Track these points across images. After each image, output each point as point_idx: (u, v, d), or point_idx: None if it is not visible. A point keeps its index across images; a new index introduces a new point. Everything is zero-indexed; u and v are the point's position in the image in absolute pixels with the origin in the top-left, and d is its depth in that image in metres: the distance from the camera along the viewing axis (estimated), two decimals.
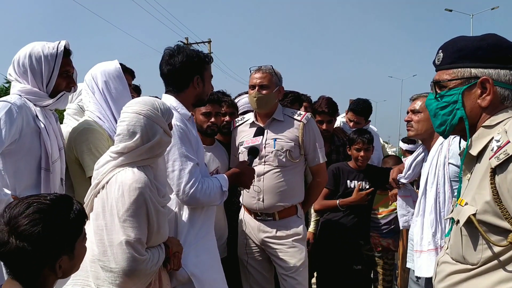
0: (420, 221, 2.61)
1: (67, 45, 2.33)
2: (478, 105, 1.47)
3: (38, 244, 1.25)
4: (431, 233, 2.52)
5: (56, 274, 1.33)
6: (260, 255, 3.03)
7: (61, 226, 1.31)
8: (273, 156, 2.90)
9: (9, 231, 1.25)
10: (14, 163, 2.16)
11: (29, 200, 1.31)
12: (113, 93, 2.51)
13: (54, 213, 1.30)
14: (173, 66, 2.38)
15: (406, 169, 2.98)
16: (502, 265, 1.35)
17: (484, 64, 1.45)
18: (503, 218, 1.31)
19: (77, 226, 1.39)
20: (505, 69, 1.43)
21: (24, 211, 1.27)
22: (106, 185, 1.90)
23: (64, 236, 1.32)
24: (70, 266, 1.37)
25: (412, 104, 2.84)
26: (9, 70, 2.32)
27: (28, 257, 1.25)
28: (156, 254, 1.96)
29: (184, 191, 2.21)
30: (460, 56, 1.49)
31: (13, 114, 2.10)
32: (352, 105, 4.17)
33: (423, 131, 2.76)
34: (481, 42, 1.47)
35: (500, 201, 1.31)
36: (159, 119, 1.95)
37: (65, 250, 1.33)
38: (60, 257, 1.31)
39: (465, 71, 1.48)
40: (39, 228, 1.25)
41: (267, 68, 2.95)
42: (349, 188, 3.45)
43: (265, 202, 2.91)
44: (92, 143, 2.34)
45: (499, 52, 1.44)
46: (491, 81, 1.43)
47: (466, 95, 1.48)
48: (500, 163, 1.31)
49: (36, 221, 1.26)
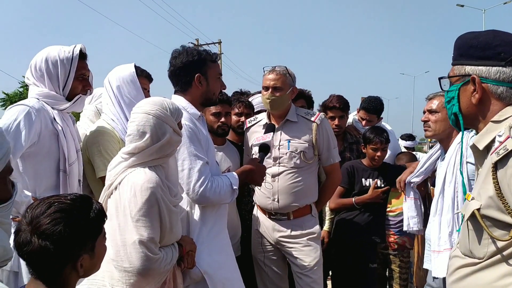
0: (437, 220, 2.58)
1: (83, 49, 2.38)
2: (472, 102, 1.51)
3: (59, 243, 1.27)
4: (448, 232, 2.50)
5: (78, 273, 1.36)
6: (275, 254, 3.04)
7: (81, 225, 1.33)
8: (288, 157, 2.91)
9: (31, 231, 1.28)
10: (33, 166, 2.21)
11: (50, 200, 1.34)
12: (126, 97, 2.55)
13: (74, 212, 1.33)
14: (174, 67, 2.42)
15: (419, 167, 2.95)
16: (505, 259, 1.37)
17: (476, 62, 1.49)
18: (506, 213, 1.33)
19: (97, 225, 1.41)
20: (498, 66, 1.46)
21: (45, 211, 1.30)
22: (119, 186, 1.94)
23: (85, 235, 1.35)
24: (91, 265, 1.40)
25: (429, 104, 2.79)
26: (27, 74, 2.37)
27: (50, 256, 1.28)
28: (170, 253, 1.99)
29: (194, 190, 2.23)
30: (459, 53, 1.55)
31: (31, 117, 2.15)
32: (364, 103, 4.13)
33: (440, 132, 2.72)
34: (474, 40, 1.51)
35: (502, 196, 1.33)
36: (168, 118, 1.97)
37: (86, 249, 1.36)
38: (81, 256, 1.34)
39: (461, 69, 1.54)
40: (60, 227, 1.28)
41: (281, 69, 2.94)
42: (364, 186, 3.43)
43: (280, 203, 2.92)
44: (102, 145, 2.42)
45: (488, 50, 1.47)
46: (478, 79, 1.48)
47: (462, 91, 1.54)
48: (500, 158, 1.33)
49: (58, 220, 1.28)
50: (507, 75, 1.45)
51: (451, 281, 1.55)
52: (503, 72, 1.45)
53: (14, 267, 2.14)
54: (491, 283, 1.38)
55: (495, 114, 1.47)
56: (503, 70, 1.45)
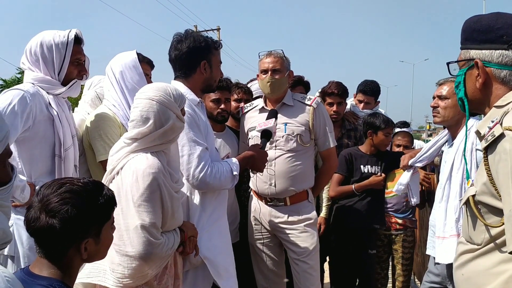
0: (443, 206, 2.57)
1: (78, 33, 2.35)
2: (476, 87, 1.50)
3: (65, 223, 1.31)
4: (455, 219, 2.48)
5: (81, 256, 1.38)
6: (271, 241, 3.05)
7: (89, 208, 1.36)
8: (284, 140, 2.91)
9: (40, 208, 1.33)
10: (28, 150, 2.20)
11: (63, 181, 1.40)
12: (128, 83, 2.56)
13: (84, 195, 1.36)
14: (180, 51, 2.40)
15: (423, 151, 2.94)
16: (498, 246, 1.38)
17: (479, 45, 1.47)
18: (499, 199, 1.33)
19: (105, 211, 1.44)
20: (500, 49, 1.44)
21: (56, 190, 1.35)
22: (121, 171, 1.94)
23: (91, 219, 1.38)
24: (95, 250, 1.42)
25: (439, 89, 2.74)
26: (22, 59, 2.34)
27: (55, 235, 1.31)
28: (172, 238, 2.00)
29: (194, 175, 2.23)
30: (465, 38, 1.53)
31: (26, 101, 2.14)
32: (361, 86, 4.13)
33: (449, 118, 2.68)
34: (477, 23, 1.49)
35: (495, 182, 1.33)
36: (172, 104, 1.97)
37: (91, 232, 1.39)
38: (86, 239, 1.37)
39: (466, 53, 1.52)
40: (68, 207, 1.32)
41: (278, 52, 2.96)
42: (364, 173, 3.44)
43: (277, 187, 2.92)
44: (103, 129, 2.43)
45: (491, 33, 1.45)
46: (480, 63, 1.46)
47: (468, 76, 1.52)
48: (489, 144, 1.34)
49: (66, 200, 1.33)
50: (510, 58, 1.43)
51: (455, 266, 1.57)
52: (505, 55, 1.43)
53: (11, 251, 2.16)
54: (488, 270, 1.39)
55: (499, 99, 1.46)
56: (505, 53, 1.43)
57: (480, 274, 1.42)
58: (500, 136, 1.31)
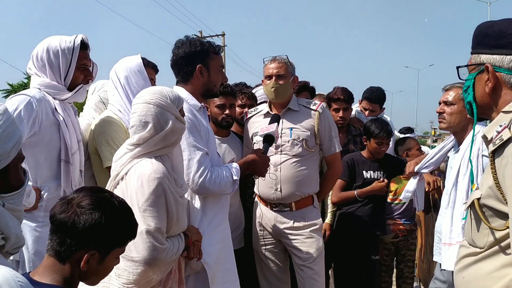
0: (449, 213, 2.55)
1: (84, 39, 2.36)
2: (485, 91, 1.51)
3: (89, 226, 1.33)
4: (461, 225, 2.45)
5: (81, 265, 1.35)
6: (276, 247, 3.04)
7: (115, 225, 1.39)
8: (290, 145, 2.91)
9: (73, 202, 1.37)
10: (34, 155, 2.21)
11: (105, 191, 1.46)
12: (134, 87, 2.56)
13: (115, 211, 1.40)
14: (177, 56, 2.42)
15: (429, 157, 2.92)
16: (503, 249, 1.38)
17: (490, 50, 1.48)
18: (504, 203, 1.33)
19: (124, 237, 1.46)
20: (511, 55, 1.44)
21: (95, 194, 1.40)
22: (125, 176, 1.94)
23: (110, 236, 1.39)
24: (94, 269, 1.39)
25: (445, 95, 2.72)
26: (29, 64, 2.36)
27: (72, 232, 1.33)
28: (176, 243, 1.99)
29: (193, 180, 2.23)
30: (476, 42, 1.54)
31: (32, 106, 2.14)
32: (366, 93, 4.13)
33: (455, 124, 2.66)
34: (489, 29, 1.50)
35: (500, 186, 1.33)
36: (169, 106, 1.97)
37: (101, 248, 1.38)
38: (94, 251, 1.36)
39: (477, 58, 1.53)
40: (96, 214, 1.35)
41: (282, 58, 2.96)
42: (366, 179, 3.42)
43: (282, 192, 2.91)
44: (109, 135, 2.43)
45: (503, 38, 1.46)
46: (491, 68, 1.46)
47: (478, 80, 1.53)
48: (496, 148, 1.35)
49: (99, 207, 1.36)
50: None
51: (456, 269, 1.57)
52: None
53: (16, 256, 2.17)
54: (490, 273, 1.39)
55: (507, 104, 1.46)
56: None
57: (481, 277, 1.42)
58: (508, 140, 1.32)
